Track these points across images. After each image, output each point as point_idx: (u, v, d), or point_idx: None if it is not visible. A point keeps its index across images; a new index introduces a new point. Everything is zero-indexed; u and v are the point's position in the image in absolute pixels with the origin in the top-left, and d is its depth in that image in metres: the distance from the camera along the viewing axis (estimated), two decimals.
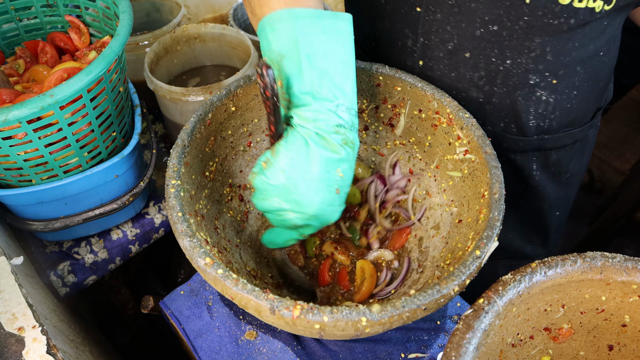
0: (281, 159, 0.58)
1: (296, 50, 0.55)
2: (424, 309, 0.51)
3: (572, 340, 0.59)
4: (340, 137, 0.58)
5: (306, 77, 0.55)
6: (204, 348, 0.71)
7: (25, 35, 0.90)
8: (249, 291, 0.51)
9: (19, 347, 0.55)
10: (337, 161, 0.58)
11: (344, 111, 0.58)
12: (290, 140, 0.58)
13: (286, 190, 0.58)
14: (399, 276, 0.75)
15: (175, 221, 0.57)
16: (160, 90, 0.87)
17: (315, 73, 0.56)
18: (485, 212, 0.61)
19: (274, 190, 0.59)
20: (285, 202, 0.59)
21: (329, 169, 0.58)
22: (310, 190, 0.58)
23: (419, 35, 0.73)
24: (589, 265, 0.53)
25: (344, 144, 0.58)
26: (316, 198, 0.58)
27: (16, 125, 0.63)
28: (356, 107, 0.60)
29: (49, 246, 0.88)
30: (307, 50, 0.55)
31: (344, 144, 0.58)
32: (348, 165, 0.60)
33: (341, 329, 0.50)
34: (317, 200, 0.58)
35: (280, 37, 0.56)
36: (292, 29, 0.55)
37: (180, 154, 0.64)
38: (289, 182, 0.58)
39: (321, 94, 0.56)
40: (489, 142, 0.67)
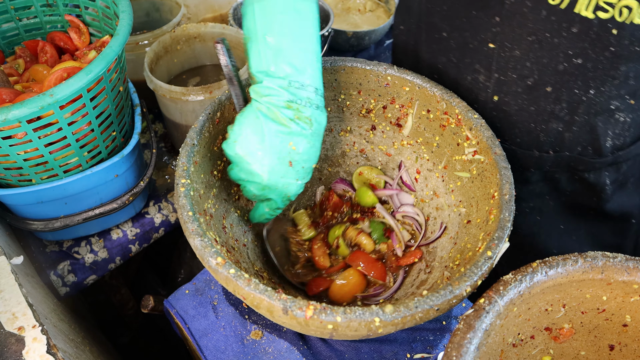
0: (235, 130, 0.63)
1: (255, 31, 0.60)
2: (437, 310, 0.51)
3: (573, 340, 0.59)
4: (292, 112, 0.61)
5: (262, 56, 0.60)
6: (209, 347, 0.71)
7: (25, 35, 0.90)
8: (261, 291, 0.50)
9: (19, 346, 0.55)
10: (286, 134, 0.62)
11: (297, 88, 0.61)
12: (245, 114, 0.63)
13: (240, 160, 0.63)
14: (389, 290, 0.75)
15: (185, 220, 0.57)
16: (160, 89, 0.86)
17: (270, 52, 0.60)
18: (495, 213, 0.61)
19: (233, 159, 0.65)
20: (242, 172, 0.64)
21: (279, 142, 0.62)
22: (258, 160, 0.62)
23: (493, 72, 0.71)
24: (590, 265, 0.53)
25: (295, 118, 0.62)
26: (265, 168, 0.63)
27: (16, 124, 0.63)
28: (317, 85, 0.63)
29: (49, 246, 0.87)
30: (264, 31, 0.60)
31: (295, 119, 0.62)
32: (303, 140, 0.63)
33: (354, 329, 0.50)
34: (266, 170, 0.63)
35: (247, 21, 0.62)
36: (252, 12, 0.60)
37: (189, 152, 0.64)
38: (241, 152, 0.63)
39: (274, 73, 0.60)
40: (498, 143, 0.67)
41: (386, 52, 1.33)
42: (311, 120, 0.63)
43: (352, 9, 1.37)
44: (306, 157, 0.65)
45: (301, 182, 0.66)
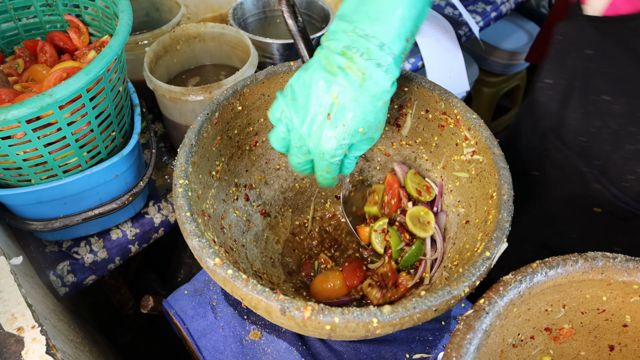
0: (295, 73, 0.60)
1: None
2: (435, 310, 0.51)
3: (573, 341, 0.59)
4: (345, 60, 0.55)
5: (345, 5, 0.57)
6: (208, 348, 0.71)
7: (25, 35, 0.90)
8: (259, 292, 0.50)
9: (18, 347, 0.55)
10: (329, 82, 0.56)
11: (360, 36, 0.55)
12: (310, 60, 0.60)
13: (286, 103, 0.60)
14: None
15: (183, 221, 0.57)
16: (159, 89, 0.86)
17: (353, 2, 0.56)
18: (494, 213, 0.61)
19: (282, 100, 0.61)
20: (284, 114, 0.60)
21: (322, 91, 0.56)
22: (300, 106, 0.58)
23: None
24: (590, 265, 0.53)
25: (346, 67, 0.55)
26: (302, 115, 0.58)
27: (15, 125, 0.63)
28: (388, 42, 0.55)
29: (49, 246, 0.87)
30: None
31: (346, 68, 0.55)
32: (348, 93, 0.56)
33: (352, 330, 0.50)
34: (302, 118, 0.58)
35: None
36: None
37: (187, 153, 0.64)
38: (289, 93, 0.59)
39: (346, 18, 0.56)
40: (496, 143, 0.67)
41: None
42: (364, 75, 0.55)
43: None
44: (348, 115, 0.56)
45: (338, 141, 0.58)
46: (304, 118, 0.58)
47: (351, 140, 0.59)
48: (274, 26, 1.22)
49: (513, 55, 1.94)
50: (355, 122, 0.57)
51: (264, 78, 0.75)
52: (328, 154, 0.59)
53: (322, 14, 1.16)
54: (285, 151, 0.64)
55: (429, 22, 1.38)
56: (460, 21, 1.44)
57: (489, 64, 2.01)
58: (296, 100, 0.58)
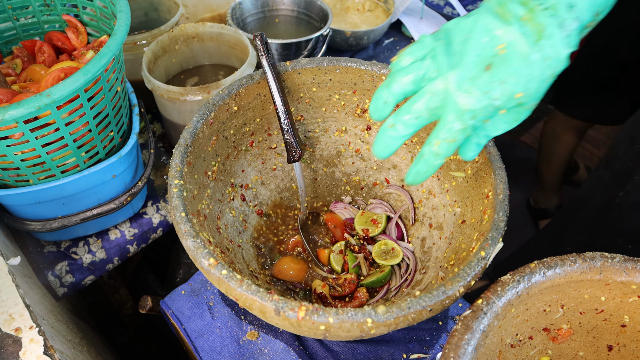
0: (453, 20, 0.51)
1: None
2: (430, 310, 0.51)
3: (572, 341, 0.59)
4: (524, 10, 0.46)
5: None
6: (205, 348, 0.71)
7: (23, 35, 0.89)
8: (253, 292, 0.50)
9: (15, 348, 0.55)
10: (498, 29, 0.47)
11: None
12: (476, 9, 0.50)
13: (436, 45, 0.50)
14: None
15: (178, 221, 0.57)
16: (158, 89, 0.86)
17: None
18: (489, 213, 0.61)
19: (431, 41, 0.51)
20: (429, 57, 0.50)
21: (487, 36, 0.47)
22: (453, 51, 0.49)
23: None
24: (588, 265, 0.53)
25: (523, 18, 0.46)
26: (454, 60, 0.48)
27: (13, 125, 0.63)
28: (582, 10, 0.46)
29: (47, 246, 0.87)
30: None
31: (523, 19, 0.46)
32: (519, 47, 0.46)
33: (346, 330, 0.50)
34: (453, 63, 0.48)
35: None
36: None
37: (183, 153, 0.64)
38: (442, 36, 0.50)
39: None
40: (492, 143, 0.67)
41: (384, 51, 1.33)
42: (542, 33, 0.46)
43: (351, 9, 1.37)
44: (510, 71, 0.47)
45: (490, 99, 0.48)
46: (455, 64, 0.48)
47: (504, 103, 0.48)
48: (272, 26, 1.22)
49: None
50: (516, 83, 0.47)
51: (259, 78, 0.75)
52: (469, 112, 0.49)
53: (321, 13, 1.16)
54: (393, 103, 0.53)
55: (428, 22, 1.38)
56: None
57: None
58: (450, 45, 0.49)
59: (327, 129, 0.85)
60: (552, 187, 1.93)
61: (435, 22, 1.39)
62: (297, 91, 0.80)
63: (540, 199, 1.99)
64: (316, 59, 0.78)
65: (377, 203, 0.87)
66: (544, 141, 1.83)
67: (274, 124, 0.82)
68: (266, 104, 0.79)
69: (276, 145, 0.84)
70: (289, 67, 0.77)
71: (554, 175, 1.88)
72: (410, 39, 1.36)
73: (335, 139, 0.86)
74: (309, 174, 0.88)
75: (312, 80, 0.79)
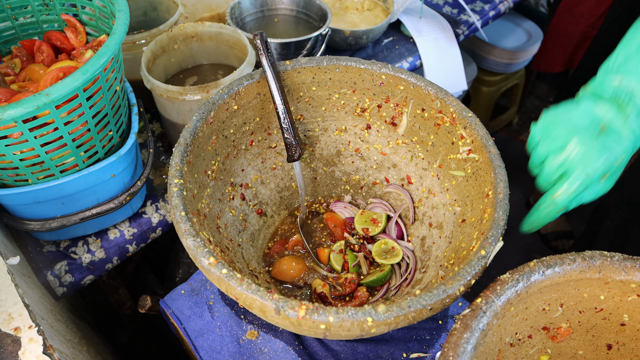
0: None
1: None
2: (430, 309, 0.51)
3: (571, 340, 0.59)
4: (613, 110, 0.62)
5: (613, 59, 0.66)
6: (205, 348, 0.71)
7: (22, 34, 0.89)
8: (253, 291, 0.50)
9: (15, 347, 0.54)
10: (598, 115, 0.62)
11: (626, 93, 0.62)
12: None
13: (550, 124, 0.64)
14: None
15: (178, 220, 0.57)
16: (157, 89, 0.86)
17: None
18: (489, 212, 0.61)
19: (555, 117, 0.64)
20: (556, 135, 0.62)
21: (590, 116, 0.62)
22: (566, 126, 0.62)
23: None
24: (587, 264, 0.53)
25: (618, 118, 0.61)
26: (565, 129, 0.62)
27: (12, 124, 0.63)
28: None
29: (46, 246, 0.87)
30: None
31: (619, 118, 0.61)
32: (616, 127, 0.61)
33: (347, 329, 0.50)
34: (565, 131, 0.61)
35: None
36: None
37: (182, 152, 0.64)
38: (553, 118, 0.64)
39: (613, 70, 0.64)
40: (492, 142, 0.67)
41: (384, 50, 1.33)
42: (619, 133, 0.60)
43: (350, 8, 1.37)
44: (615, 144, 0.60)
45: (605, 163, 0.60)
46: (563, 132, 0.62)
47: (605, 169, 0.60)
48: (271, 25, 1.22)
49: (512, 54, 1.94)
50: (590, 164, 0.59)
51: (259, 77, 0.75)
52: (594, 171, 0.60)
53: (320, 13, 1.16)
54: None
55: (427, 21, 1.38)
56: (458, 20, 1.44)
57: (488, 63, 2.01)
58: (561, 120, 0.64)
59: (327, 128, 0.85)
60: None
61: (435, 21, 1.38)
62: (296, 90, 0.80)
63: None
64: (316, 58, 0.78)
65: (377, 202, 0.87)
66: None
67: (274, 123, 0.82)
68: (266, 103, 0.79)
69: (276, 145, 0.84)
70: (288, 66, 0.77)
71: None
72: (409, 38, 1.36)
73: (335, 138, 0.86)
74: (309, 173, 0.88)
75: (312, 80, 0.79)
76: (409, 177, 0.83)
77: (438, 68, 1.33)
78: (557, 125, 0.63)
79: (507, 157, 0.71)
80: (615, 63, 0.64)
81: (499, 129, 2.37)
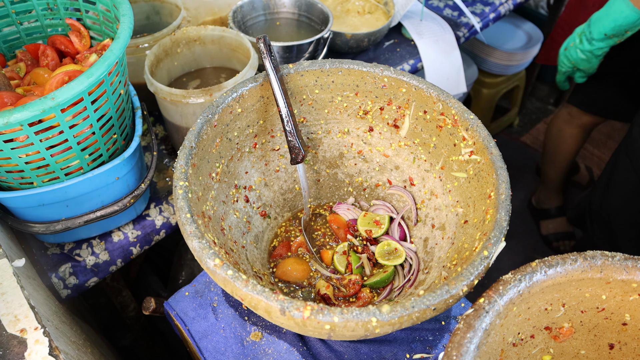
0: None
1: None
2: (434, 309, 0.52)
3: (573, 339, 0.59)
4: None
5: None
6: (209, 349, 0.71)
7: (26, 39, 0.90)
8: (259, 292, 0.51)
9: (21, 348, 0.55)
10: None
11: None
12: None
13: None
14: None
15: (183, 222, 0.57)
16: (160, 92, 0.87)
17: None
18: (492, 213, 0.62)
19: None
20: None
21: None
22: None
23: None
24: (589, 264, 0.54)
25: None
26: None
27: (18, 128, 0.63)
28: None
29: (50, 248, 0.88)
30: None
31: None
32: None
33: (351, 330, 0.50)
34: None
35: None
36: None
37: (187, 155, 0.65)
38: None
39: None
40: (494, 143, 0.67)
41: (385, 53, 1.33)
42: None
43: (351, 11, 1.37)
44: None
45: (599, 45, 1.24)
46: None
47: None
48: (273, 29, 1.23)
49: (512, 56, 1.95)
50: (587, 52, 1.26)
51: (263, 80, 0.75)
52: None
53: (322, 16, 1.17)
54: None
55: (428, 24, 1.39)
56: (459, 22, 1.44)
57: (488, 65, 2.01)
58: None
59: (330, 131, 0.86)
60: (555, 187, 1.93)
61: (435, 24, 1.39)
62: (299, 93, 0.80)
63: (542, 199, 1.99)
64: (318, 62, 0.78)
65: (379, 204, 0.87)
66: (549, 139, 1.83)
67: (277, 126, 0.82)
68: (269, 106, 0.79)
69: (279, 147, 0.84)
70: (291, 70, 0.77)
71: (558, 175, 1.88)
72: (410, 40, 1.37)
73: (338, 140, 0.87)
74: (312, 175, 0.89)
75: (315, 82, 0.80)
76: (411, 179, 0.84)
77: (439, 70, 1.33)
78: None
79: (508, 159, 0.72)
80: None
81: (500, 131, 2.37)
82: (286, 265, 0.78)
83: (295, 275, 0.77)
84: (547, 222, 1.97)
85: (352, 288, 0.75)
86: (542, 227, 1.99)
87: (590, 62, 1.28)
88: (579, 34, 1.26)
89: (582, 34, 1.25)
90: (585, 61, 1.28)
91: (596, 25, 1.20)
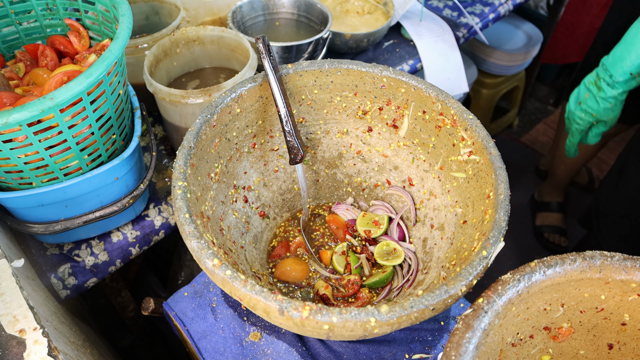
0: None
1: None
2: (432, 309, 0.52)
3: (572, 339, 0.59)
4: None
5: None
6: (208, 349, 0.71)
7: (25, 39, 0.90)
8: (257, 292, 0.51)
9: (20, 349, 0.55)
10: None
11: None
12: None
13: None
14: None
15: (182, 222, 0.57)
16: (159, 92, 0.87)
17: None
18: (490, 213, 0.62)
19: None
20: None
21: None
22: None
23: None
24: (588, 264, 0.54)
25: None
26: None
27: (17, 128, 0.63)
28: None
29: (50, 249, 0.88)
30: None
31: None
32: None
33: (350, 330, 0.50)
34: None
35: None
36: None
37: (186, 155, 0.65)
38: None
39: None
40: (493, 143, 0.68)
41: (384, 54, 1.34)
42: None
43: (351, 12, 1.38)
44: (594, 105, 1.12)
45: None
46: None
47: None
48: (273, 29, 1.23)
49: (512, 56, 1.95)
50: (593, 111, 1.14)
51: (262, 81, 0.76)
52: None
53: (321, 16, 1.17)
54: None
55: (428, 24, 1.39)
56: (459, 23, 1.44)
57: (488, 66, 2.01)
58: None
59: (329, 131, 0.86)
60: (560, 185, 1.93)
61: (435, 24, 1.39)
62: (298, 93, 0.80)
63: (544, 193, 1.99)
64: (317, 62, 0.78)
65: (378, 204, 0.87)
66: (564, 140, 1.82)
67: (276, 126, 0.82)
68: (268, 106, 0.79)
69: (278, 147, 0.84)
70: (290, 70, 0.77)
71: (567, 175, 1.88)
72: (410, 41, 1.37)
73: (337, 140, 0.87)
74: (311, 175, 0.89)
75: (314, 83, 0.80)
76: (410, 179, 0.84)
77: (439, 71, 1.33)
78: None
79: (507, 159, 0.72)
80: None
81: (499, 131, 2.38)
82: (285, 266, 0.78)
83: (294, 276, 0.77)
84: (545, 215, 1.97)
85: (351, 288, 0.75)
86: (537, 218, 1.99)
87: (614, 110, 1.11)
88: (592, 82, 1.11)
89: (598, 81, 1.09)
90: (610, 110, 1.11)
91: (616, 66, 1.05)
